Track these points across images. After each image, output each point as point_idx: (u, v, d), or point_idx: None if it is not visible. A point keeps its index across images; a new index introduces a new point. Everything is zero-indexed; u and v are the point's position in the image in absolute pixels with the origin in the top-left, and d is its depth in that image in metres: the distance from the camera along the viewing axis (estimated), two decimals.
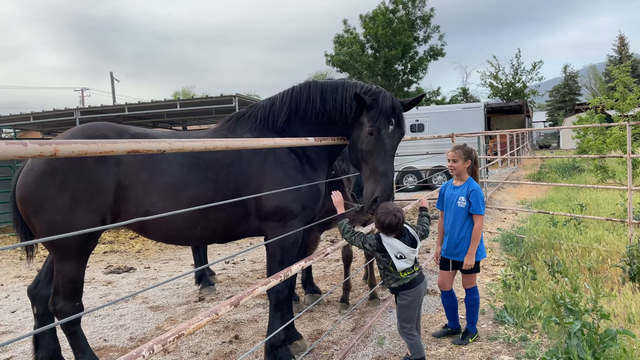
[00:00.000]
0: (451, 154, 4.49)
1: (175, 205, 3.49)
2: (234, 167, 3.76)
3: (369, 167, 3.65)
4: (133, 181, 3.53)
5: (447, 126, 16.60)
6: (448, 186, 4.62)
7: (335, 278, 6.97)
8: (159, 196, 3.55)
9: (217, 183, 3.69)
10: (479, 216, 4.30)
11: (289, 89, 4.06)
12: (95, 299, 6.70)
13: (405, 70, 34.02)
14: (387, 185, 3.59)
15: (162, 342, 2.07)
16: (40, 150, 1.61)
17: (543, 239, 6.96)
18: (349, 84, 3.94)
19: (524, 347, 4.18)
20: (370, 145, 3.64)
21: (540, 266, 5.88)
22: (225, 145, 2.56)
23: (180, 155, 3.65)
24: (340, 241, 4.06)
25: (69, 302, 3.61)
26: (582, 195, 11.96)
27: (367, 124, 3.66)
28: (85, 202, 3.41)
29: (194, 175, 3.65)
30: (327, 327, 5.04)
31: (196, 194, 3.63)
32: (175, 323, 5.51)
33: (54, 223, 3.41)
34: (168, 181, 3.58)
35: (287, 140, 3.26)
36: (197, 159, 3.71)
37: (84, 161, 3.41)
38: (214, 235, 3.93)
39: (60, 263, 3.57)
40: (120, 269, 8.44)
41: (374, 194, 3.56)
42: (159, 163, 3.60)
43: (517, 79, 50.87)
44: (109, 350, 4.85)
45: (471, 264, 4.29)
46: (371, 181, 3.61)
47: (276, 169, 3.81)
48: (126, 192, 3.52)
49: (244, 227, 3.91)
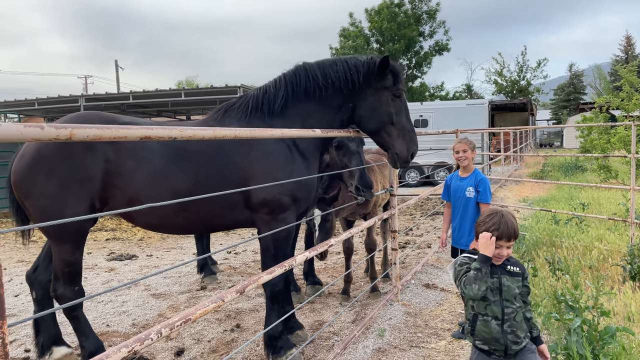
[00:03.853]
0: (460, 145, 4.58)
1: (157, 195, 3.52)
2: (217, 159, 3.71)
3: (398, 128, 3.86)
4: (119, 169, 3.57)
5: (451, 122, 16.59)
6: (454, 178, 4.67)
7: (336, 270, 7.02)
8: (142, 185, 3.58)
9: (199, 175, 3.66)
10: (487, 205, 4.36)
11: (280, 76, 4.03)
12: (98, 285, 6.76)
13: (410, 65, 33.95)
14: (417, 139, 3.93)
15: (170, 326, 2.10)
16: (57, 133, 1.63)
17: (545, 236, 6.99)
18: (342, 57, 4.07)
19: None
20: (398, 107, 3.88)
21: (541, 263, 5.91)
22: (234, 135, 2.58)
23: (163, 145, 3.66)
24: (341, 234, 4.09)
25: (68, 287, 3.68)
26: (584, 195, 11.97)
27: (392, 88, 3.87)
28: (73, 189, 3.49)
29: (175, 166, 3.64)
30: (328, 318, 5.08)
31: (176, 184, 3.62)
32: (177, 311, 5.55)
33: (44, 208, 3.51)
34: (150, 170, 3.60)
35: (294, 131, 3.27)
36: (179, 149, 3.68)
37: (71, 149, 3.50)
38: (197, 225, 3.93)
39: (56, 247, 3.66)
40: (123, 256, 8.50)
41: (410, 149, 3.85)
42: (143, 152, 3.62)
43: (522, 76, 50.78)
44: (111, 336, 4.90)
45: None
46: (401, 140, 3.85)
47: (263, 160, 3.75)
48: (113, 180, 3.57)
49: (229, 219, 3.87)
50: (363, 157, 4.75)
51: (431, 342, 4.38)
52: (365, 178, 4.55)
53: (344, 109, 3.98)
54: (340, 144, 4.72)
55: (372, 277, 5.76)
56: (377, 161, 5.66)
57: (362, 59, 3.97)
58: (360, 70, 3.88)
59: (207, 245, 7.02)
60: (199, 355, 4.34)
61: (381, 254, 6.58)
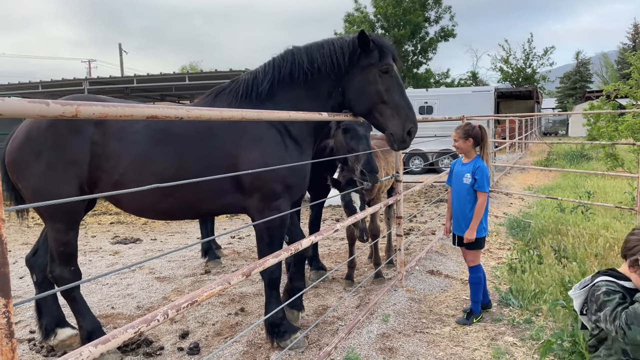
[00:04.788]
0: (453, 134, 4.56)
1: (141, 179, 3.50)
2: (205, 144, 3.63)
3: (390, 106, 3.65)
4: (106, 152, 3.55)
5: (457, 109, 16.46)
6: (457, 163, 4.65)
7: (340, 256, 7.01)
8: (127, 168, 3.55)
9: (184, 160, 3.59)
10: (483, 193, 4.34)
11: (270, 60, 3.94)
12: (103, 268, 6.77)
13: (415, 51, 33.66)
14: (414, 116, 3.69)
15: (176, 307, 2.08)
16: (62, 110, 1.60)
17: (550, 224, 6.96)
18: (331, 38, 3.94)
19: (529, 329, 4.21)
20: (388, 84, 3.67)
21: (546, 251, 5.89)
22: (241, 116, 2.54)
23: (148, 128, 3.61)
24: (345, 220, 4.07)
25: (64, 268, 3.71)
26: (589, 183, 11.90)
27: (377, 64, 3.67)
28: (60, 172, 3.51)
29: (159, 150, 3.59)
30: (332, 303, 5.08)
31: (160, 169, 3.57)
32: (181, 294, 5.56)
33: (34, 189, 3.57)
34: (135, 154, 3.56)
35: (301, 114, 3.23)
36: (164, 133, 3.62)
37: (58, 132, 3.51)
38: (184, 211, 3.87)
39: (50, 227, 3.70)
40: (127, 239, 8.51)
41: (405, 127, 3.62)
42: (129, 135, 3.58)
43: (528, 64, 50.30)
44: (116, 318, 4.91)
45: (471, 239, 4.33)
46: (397, 118, 3.63)
47: (254, 146, 3.65)
48: (99, 163, 3.56)
49: (216, 204, 3.79)
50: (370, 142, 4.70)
51: (435, 327, 4.37)
52: (371, 163, 4.51)
53: (334, 94, 3.85)
54: (348, 126, 4.67)
55: (376, 263, 5.75)
56: (381, 147, 5.61)
57: (348, 39, 3.81)
58: (345, 51, 3.73)
59: (212, 230, 7.01)
60: (204, 337, 4.35)
61: (384, 240, 6.56)
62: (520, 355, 3.81)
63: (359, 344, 3.99)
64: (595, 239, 6.17)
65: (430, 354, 3.87)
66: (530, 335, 4.07)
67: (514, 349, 3.92)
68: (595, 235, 6.31)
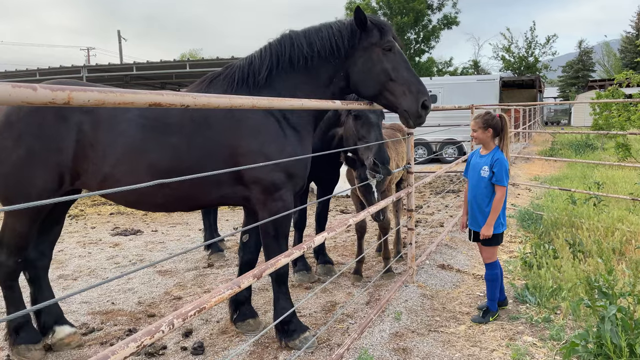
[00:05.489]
0: (471, 123, 4.34)
1: (134, 170, 3.36)
2: (201, 134, 3.46)
3: (400, 83, 3.50)
4: (94, 141, 3.37)
5: (461, 98, 16.22)
6: (475, 154, 4.43)
7: (346, 249, 6.82)
8: (118, 159, 3.37)
9: (180, 150, 3.42)
10: (501, 187, 4.12)
11: (266, 45, 3.72)
12: (103, 261, 6.59)
13: (418, 39, 33.26)
14: (426, 89, 3.55)
15: (183, 316, 1.89)
16: (52, 96, 1.38)
17: (563, 217, 6.75)
18: (328, 22, 3.75)
19: (548, 328, 4.02)
20: (393, 61, 3.53)
21: (561, 245, 5.69)
22: (251, 104, 2.33)
23: (142, 117, 3.43)
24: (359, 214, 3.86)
25: (12, 257, 3.57)
26: (597, 174, 11.68)
27: (379, 43, 3.52)
28: (41, 160, 3.32)
29: (154, 140, 3.40)
30: (340, 299, 4.89)
31: (155, 160, 3.39)
32: (184, 289, 5.38)
33: (5, 175, 3.36)
34: (127, 143, 3.38)
35: (314, 102, 3.01)
36: (159, 122, 3.44)
37: (43, 117, 3.31)
38: (180, 203, 3.71)
39: (11, 217, 3.52)
40: (127, 231, 8.32)
41: (419, 101, 3.47)
42: (119, 123, 3.39)
43: (530, 52, 49.90)
44: (117, 314, 4.73)
45: (487, 235, 4.13)
46: (409, 94, 3.48)
47: (252, 135, 3.48)
48: (86, 153, 3.38)
49: (214, 196, 3.63)
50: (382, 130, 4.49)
51: (450, 326, 4.19)
52: (384, 153, 4.30)
53: (335, 80, 3.66)
54: (360, 113, 4.45)
55: (386, 258, 5.55)
56: (390, 137, 5.39)
57: (346, 22, 3.65)
58: (344, 33, 3.56)
59: (215, 221, 6.82)
60: (208, 336, 4.16)
61: (392, 232, 6.36)
62: (541, 356, 3.63)
63: (371, 344, 3.81)
64: (611, 232, 5.97)
65: (446, 355, 3.69)
66: (550, 335, 3.88)
67: (534, 349, 3.74)
68: (611, 228, 6.10)
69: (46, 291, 3.96)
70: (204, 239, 6.80)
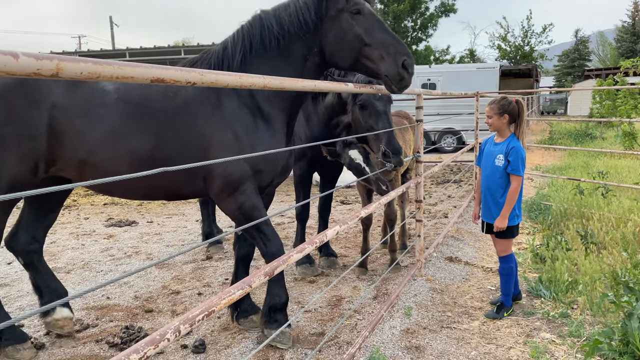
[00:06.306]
0: (486, 109, 4.13)
1: (113, 156, 3.25)
2: (180, 119, 3.28)
3: (376, 46, 3.18)
4: (68, 127, 3.20)
5: (460, 86, 15.97)
6: (489, 142, 4.23)
7: (349, 240, 6.62)
8: (95, 145, 3.22)
9: (160, 136, 3.26)
10: (517, 177, 3.92)
11: (239, 28, 3.51)
12: (97, 253, 6.36)
13: (415, 27, 32.91)
14: (406, 48, 3.23)
15: (190, 321, 1.68)
16: (37, 66, 1.16)
17: (573, 207, 6.58)
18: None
19: (566, 324, 3.85)
20: (364, 23, 3.23)
21: (572, 236, 5.52)
22: (263, 84, 2.11)
23: (122, 101, 3.27)
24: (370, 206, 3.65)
25: None
26: (599, 163, 11.52)
27: (346, 7, 3.23)
28: (13, 147, 3.13)
29: (134, 125, 3.25)
30: (346, 293, 4.70)
31: (135, 146, 3.24)
32: (182, 282, 5.17)
33: None
34: (106, 129, 3.22)
35: (326, 83, 2.79)
36: (141, 106, 3.29)
37: (13, 103, 3.12)
38: (157, 192, 3.58)
39: None
40: (122, 222, 8.08)
41: (398, 62, 3.13)
42: (97, 108, 3.23)
43: (527, 41, 49.62)
44: (112, 310, 4.52)
45: (502, 227, 3.94)
46: (387, 56, 3.15)
47: (224, 127, 3.29)
48: (60, 139, 3.22)
49: (193, 189, 3.50)
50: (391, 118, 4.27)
51: (463, 322, 4.01)
52: (394, 143, 4.09)
53: (309, 56, 3.42)
54: (366, 102, 4.23)
55: (392, 250, 5.35)
56: (397, 125, 5.17)
57: None
58: (310, 5, 3.31)
59: (213, 212, 6.59)
60: (209, 333, 3.96)
61: (398, 224, 6.17)
62: (562, 354, 3.46)
63: (382, 342, 3.62)
64: (624, 223, 5.80)
65: (461, 353, 3.51)
66: (569, 332, 3.71)
67: (553, 347, 3.56)
68: (623, 219, 5.94)
69: (45, 274, 3.92)
70: (202, 230, 6.58)
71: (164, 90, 3.32)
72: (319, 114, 4.80)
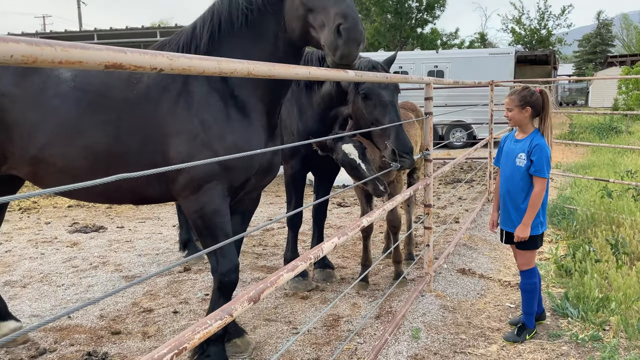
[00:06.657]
0: (505, 100, 4.00)
1: (67, 152, 3.21)
2: (141, 109, 3.20)
3: (317, 11, 2.93)
4: (18, 120, 3.16)
5: (471, 74, 15.86)
6: (509, 139, 4.09)
7: (347, 249, 6.48)
8: (48, 140, 3.18)
9: (120, 129, 3.18)
10: (541, 179, 3.78)
11: (210, 6, 3.42)
12: (58, 263, 6.18)
13: (420, 7, 32.80)
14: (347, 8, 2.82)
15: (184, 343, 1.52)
16: None
17: (601, 211, 6.47)
18: None
19: (598, 348, 3.73)
20: None
21: (601, 245, 5.41)
22: (247, 71, 1.94)
23: (79, 89, 3.20)
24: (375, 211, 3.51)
25: None
26: (627, 160, 11.45)
27: None
28: None
29: (91, 117, 3.18)
30: (344, 311, 4.56)
31: (92, 140, 3.17)
32: (155, 298, 5.00)
33: None
34: (59, 122, 3.17)
35: (323, 70, 2.63)
36: (99, 94, 3.22)
37: None
38: (121, 195, 3.49)
39: None
40: (88, 227, 7.90)
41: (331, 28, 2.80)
42: (50, 99, 3.17)
43: (543, 24, 49.64)
44: (73, 331, 4.34)
45: (524, 237, 3.80)
46: (326, 22, 2.87)
47: (189, 114, 3.18)
48: (10, 134, 3.18)
49: (157, 189, 3.37)
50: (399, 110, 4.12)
51: (479, 346, 3.88)
52: (404, 139, 3.94)
53: (279, 33, 3.26)
54: (370, 92, 4.07)
55: (396, 261, 5.20)
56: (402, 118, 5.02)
57: None
58: None
59: None
60: None
61: (403, 231, 6.03)
62: None
63: None
64: None
65: None
66: (601, 358, 3.59)
67: None
68: None
69: None
70: (179, 236, 6.41)
71: (127, 76, 3.21)
72: (314, 105, 4.65)
